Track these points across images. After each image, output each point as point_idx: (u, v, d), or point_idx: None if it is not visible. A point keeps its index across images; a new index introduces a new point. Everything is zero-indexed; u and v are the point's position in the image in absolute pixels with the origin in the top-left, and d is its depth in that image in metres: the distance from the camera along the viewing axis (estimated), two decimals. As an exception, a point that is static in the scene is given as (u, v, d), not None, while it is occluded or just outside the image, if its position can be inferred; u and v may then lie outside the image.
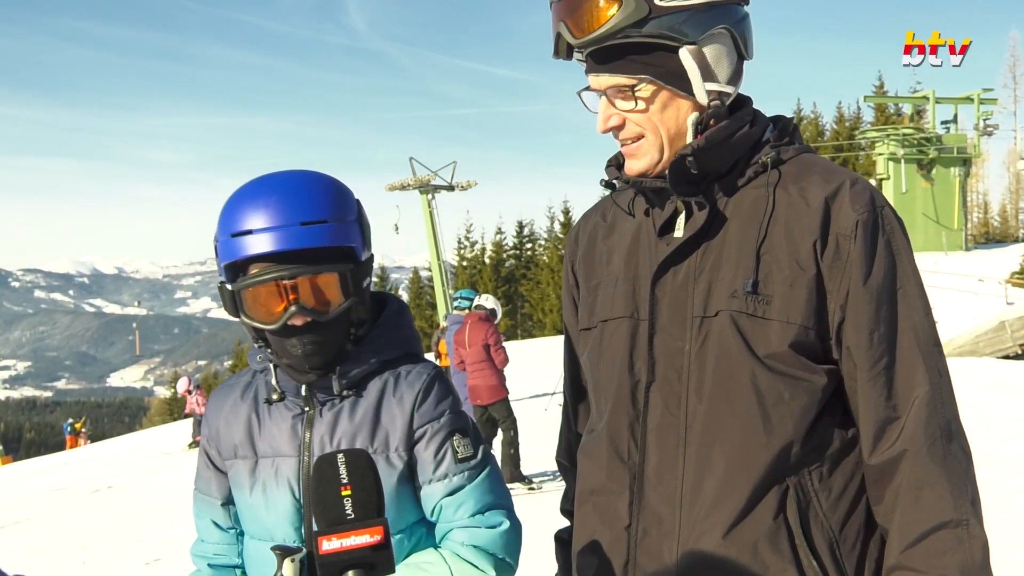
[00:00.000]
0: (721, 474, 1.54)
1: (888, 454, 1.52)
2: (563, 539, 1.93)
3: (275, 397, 1.86)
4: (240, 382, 1.97)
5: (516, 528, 1.88)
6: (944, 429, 1.52)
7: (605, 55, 1.58)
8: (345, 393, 1.83)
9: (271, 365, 1.86)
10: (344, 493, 1.25)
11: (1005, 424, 11.37)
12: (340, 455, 1.29)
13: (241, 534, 1.94)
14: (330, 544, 1.20)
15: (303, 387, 1.83)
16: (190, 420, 22.26)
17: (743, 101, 1.67)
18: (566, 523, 1.95)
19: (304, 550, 1.77)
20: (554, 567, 1.96)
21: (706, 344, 1.57)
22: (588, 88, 1.66)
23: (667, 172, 1.59)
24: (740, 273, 1.57)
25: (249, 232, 1.71)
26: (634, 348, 1.65)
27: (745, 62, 1.65)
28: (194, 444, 20.56)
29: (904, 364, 1.53)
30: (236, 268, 1.77)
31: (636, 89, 1.58)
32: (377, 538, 1.21)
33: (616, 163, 1.74)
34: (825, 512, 1.55)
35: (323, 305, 1.76)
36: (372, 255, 1.88)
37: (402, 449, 1.82)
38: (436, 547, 1.85)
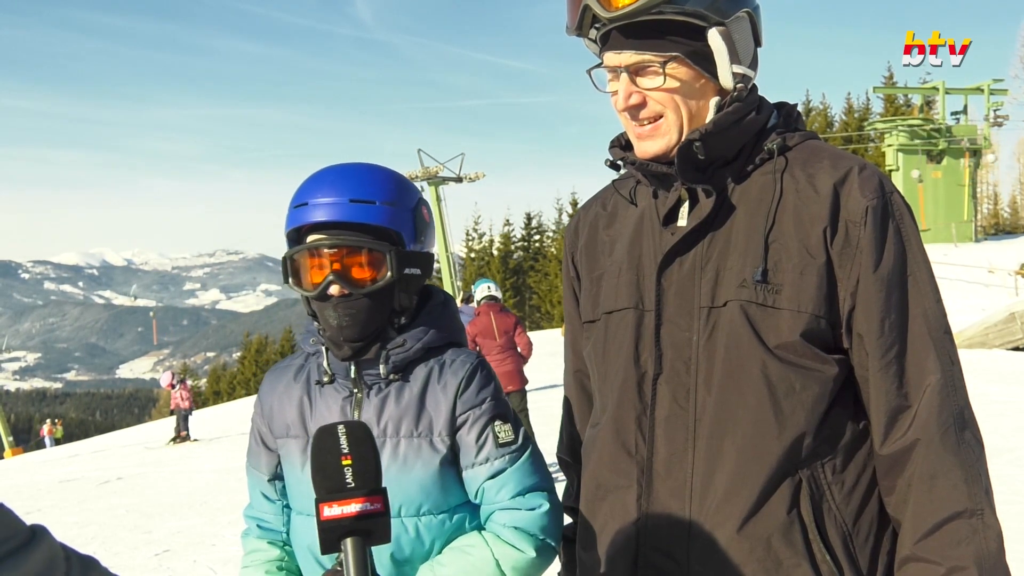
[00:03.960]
0: (732, 467, 1.52)
1: (900, 443, 1.50)
2: (566, 536, 1.92)
3: (325, 379, 1.95)
4: (293, 364, 2.06)
5: (557, 509, 1.91)
6: (957, 417, 1.50)
7: (632, 31, 1.55)
8: (392, 377, 1.91)
9: (323, 348, 1.95)
10: (345, 463, 1.29)
11: (1015, 415, 11.32)
12: (340, 426, 1.33)
13: (287, 507, 2.03)
14: (331, 511, 1.25)
15: (352, 370, 1.92)
16: (193, 414, 22.00)
17: (750, 87, 1.64)
18: (567, 520, 1.93)
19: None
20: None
21: (715, 335, 1.55)
22: (599, 66, 1.63)
23: (674, 157, 1.57)
24: (749, 262, 1.54)
25: (305, 204, 1.87)
26: (640, 339, 1.63)
27: (758, 49, 1.65)
28: (177, 439, 20.27)
29: (915, 352, 1.51)
30: (296, 240, 1.92)
31: (667, 67, 1.54)
32: (376, 506, 1.25)
33: (620, 144, 1.71)
34: (838, 505, 1.53)
35: (361, 280, 1.87)
36: (429, 253, 1.98)
37: (445, 434, 1.88)
38: (480, 529, 1.91)
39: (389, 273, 1.86)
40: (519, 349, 10.21)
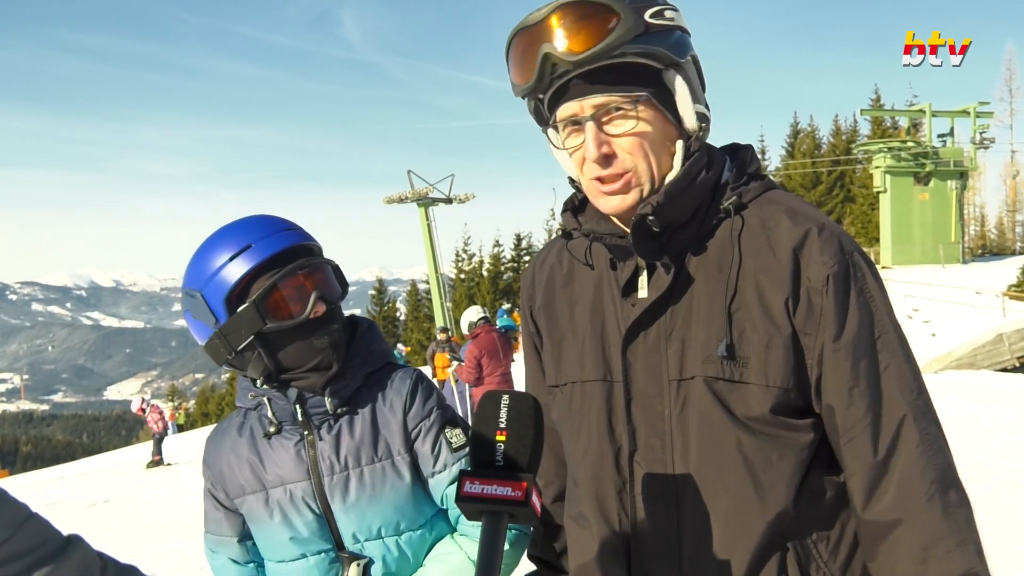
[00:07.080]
0: (719, 545, 1.50)
1: (882, 513, 1.48)
2: None
3: (272, 429, 1.93)
4: (233, 424, 2.03)
5: None
6: (940, 481, 1.47)
7: (595, 76, 1.47)
8: (340, 411, 1.91)
9: (265, 399, 1.92)
10: (499, 438, 1.24)
11: (1002, 437, 11.34)
12: (505, 397, 1.27)
13: (260, 567, 2.00)
14: (471, 487, 1.21)
15: (299, 413, 1.90)
16: (181, 435, 21.87)
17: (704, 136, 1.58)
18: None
19: (368, 557, 1.88)
20: None
21: (686, 408, 1.52)
22: (557, 121, 1.55)
23: (630, 232, 1.52)
24: (713, 334, 1.50)
25: (249, 246, 1.82)
26: (612, 413, 1.59)
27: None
28: (152, 463, 20.13)
29: (889, 418, 1.48)
30: (234, 298, 1.83)
31: (638, 107, 1.48)
32: (516, 494, 1.20)
33: (572, 208, 1.65)
34: (826, 561, 1.52)
35: (332, 295, 1.90)
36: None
37: (403, 451, 1.92)
38: (452, 533, 1.99)
39: (344, 287, 1.95)
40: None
